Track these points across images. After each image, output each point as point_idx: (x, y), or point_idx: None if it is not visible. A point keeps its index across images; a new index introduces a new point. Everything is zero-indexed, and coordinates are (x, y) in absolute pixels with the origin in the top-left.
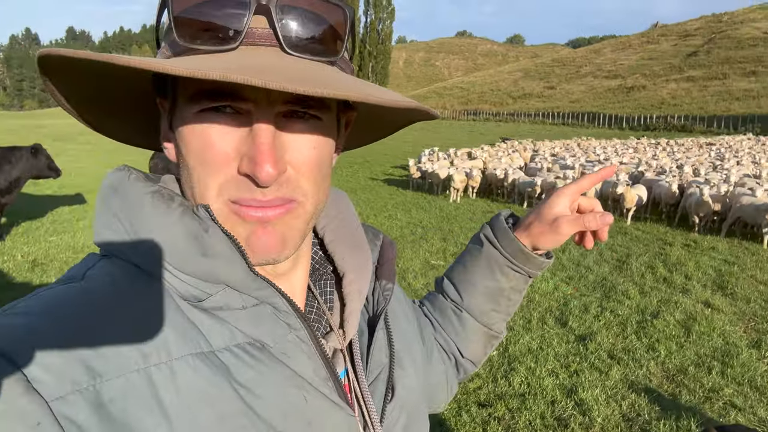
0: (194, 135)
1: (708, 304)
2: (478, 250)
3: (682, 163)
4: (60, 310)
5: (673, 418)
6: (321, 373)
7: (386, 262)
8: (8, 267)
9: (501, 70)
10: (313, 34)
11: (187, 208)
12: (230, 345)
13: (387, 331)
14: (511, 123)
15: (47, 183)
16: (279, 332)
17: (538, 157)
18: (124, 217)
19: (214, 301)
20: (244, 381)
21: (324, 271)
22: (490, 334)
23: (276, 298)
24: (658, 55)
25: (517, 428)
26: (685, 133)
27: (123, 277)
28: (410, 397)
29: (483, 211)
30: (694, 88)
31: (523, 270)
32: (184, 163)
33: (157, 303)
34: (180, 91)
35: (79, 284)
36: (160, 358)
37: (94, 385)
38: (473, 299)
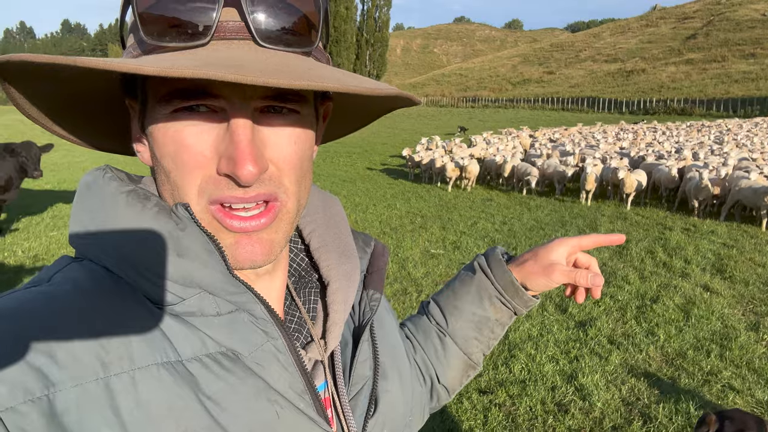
0: (168, 137)
1: (707, 287)
2: (470, 277)
3: (681, 147)
4: (16, 315)
5: (672, 401)
6: (297, 386)
7: (376, 271)
8: (9, 263)
9: (500, 55)
10: (285, 25)
11: (162, 208)
12: (200, 355)
13: (372, 343)
14: (511, 109)
15: (46, 178)
16: (255, 341)
17: (537, 143)
18: (97, 216)
19: (187, 305)
20: (212, 393)
21: (309, 279)
22: (469, 363)
23: (253, 304)
24: (658, 38)
25: (518, 414)
26: (685, 117)
27: (90, 280)
28: (394, 412)
29: (482, 199)
30: (693, 71)
31: (511, 305)
32: (160, 166)
33: (123, 309)
34: (150, 92)
35: (42, 288)
36: (121, 367)
37: (47, 394)
38: (458, 324)
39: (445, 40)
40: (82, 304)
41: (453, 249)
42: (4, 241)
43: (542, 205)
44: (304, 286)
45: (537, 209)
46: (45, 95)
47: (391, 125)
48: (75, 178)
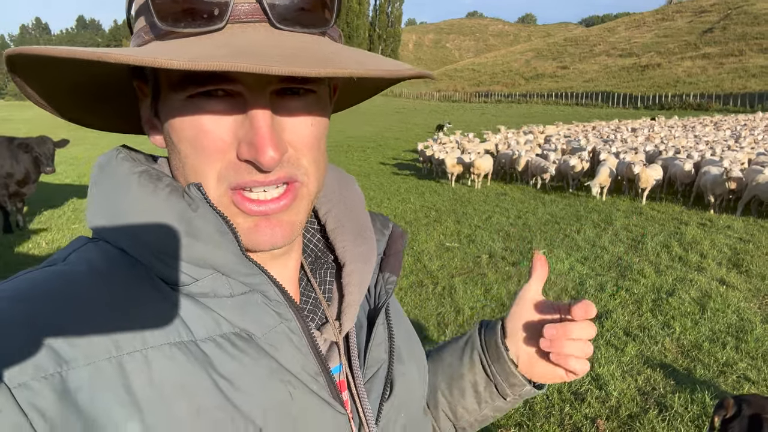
0: (186, 122)
1: (723, 281)
2: (467, 333)
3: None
4: (31, 294)
5: (688, 392)
6: (311, 368)
7: (393, 254)
8: (34, 254)
9: (513, 50)
10: (302, 5)
11: (175, 188)
12: (214, 335)
13: (388, 326)
14: (524, 104)
15: (66, 172)
16: (268, 322)
17: (553, 138)
18: (110, 198)
19: (200, 286)
20: (226, 373)
21: (325, 260)
22: (430, 420)
23: (267, 285)
24: (673, 32)
25: (534, 402)
26: (701, 111)
27: (104, 261)
28: (411, 396)
29: (496, 193)
30: (709, 66)
31: (490, 370)
32: (176, 150)
33: (137, 288)
34: (163, 77)
35: (57, 268)
36: (134, 346)
37: (60, 372)
38: (432, 368)
39: (458, 35)
40: (96, 284)
41: (468, 242)
42: (29, 233)
43: (556, 199)
44: (320, 266)
45: (551, 204)
46: (52, 83)
47: (404, 120)
48: None
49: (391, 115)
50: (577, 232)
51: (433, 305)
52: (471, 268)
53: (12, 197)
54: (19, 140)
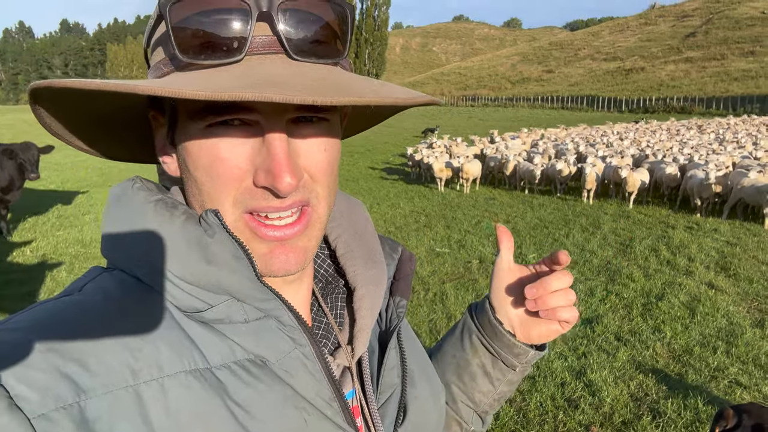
0: (203, 151)
1: (711, 285)
2: (460, 321)
3: (682, 145)
4: (49, 324)
5: (681, 397)
6: (325, 393)
7: (403, 277)
8: (19, 261)
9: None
10: (317, 38)
11: (190, 216)
12: (228, 362)
13: (400, 350)
14: (510, 108)
15: (50, 178)
16: (282, 348)
17: (540, 141)
18: (126, 226)
19: (215, 312)
20: (241, 400)
21: (336, 285)
22: (451, 415)
23: (281, 311)
24: (657, 36)
25: (528, 410)
26: (685, 115)
27: (119, 290)
28: (424, 420)
29: (485, 198)
30: (692, 69)
31: (493, 347)
32: (191, 177)
33: (152, 317)
34: (182, 107)
35: (73, 298)
36: (151, 374)
37: (78, 402)
38: (439, 367)
39: (444, 39)
40: (113, 314)
41: (458, 248)
42: (13, 241)
43: (545, 203)
44: (330, 291)
45: (540, 208)
46: (70, 114)
47: (393, 124)
48: (78, 177)
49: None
50: (566, 237)
51: (424, 311)
52: (462, 274)
53: None
54: (3, 146)
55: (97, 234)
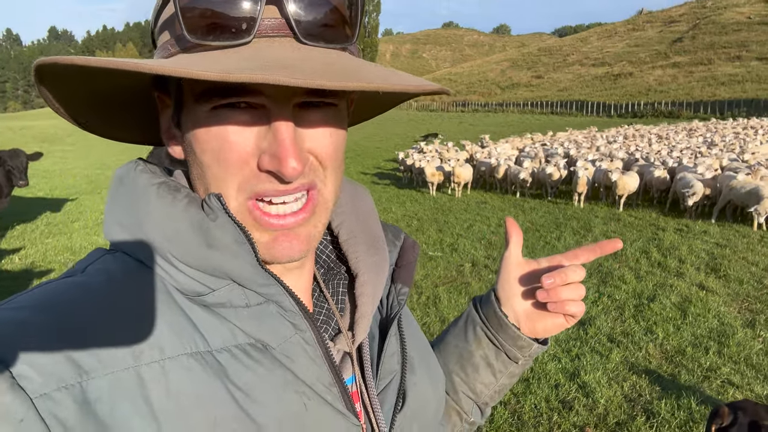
0: (209, 134)
1: (702, 286)
2: (465, 312)
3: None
4: (52, 305)
5: (674, 397)
6: (325, 378)
7: (405, 264)
8: (7, 269)
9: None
10: (326, 21)
11: (193, 199)
12: (229, 345)
13: (400, 337)
14: (500, 113)
15: (38, 185)
16: (283, 333)
17: (528, 147)
18: (129, 209)
19: (216, 296)
20: (241, 383)
21: (337, 271)
22: (451, 405)
23: (282, 296)
24: (644, 41)
25: (523, 412)
26: (673, 119)
27: (122, 272)
28: (424, 407)
29: (477, 202)
30: (680, 74)
31: (497, 340)
32: (197, 161)
33: (154, 299)
34: (187, 88)
35: (76, 279)
36: (152, 356)
37: (80, 382)
38: (441, 358)
39: (434, 45)
40: (114, 295)
41: (450, 251)
42: (2, 249)
43: (536, 207)
44: (332, 277)
45: (531, 211)
46: (71, 92)
47: (383, 129)
48: (66, 184)
49: (370, 124)
50: (558, 240)
51: (417, 315)
52: (454, 277)
53: None
54: (5, 152)
55: (87, 242)
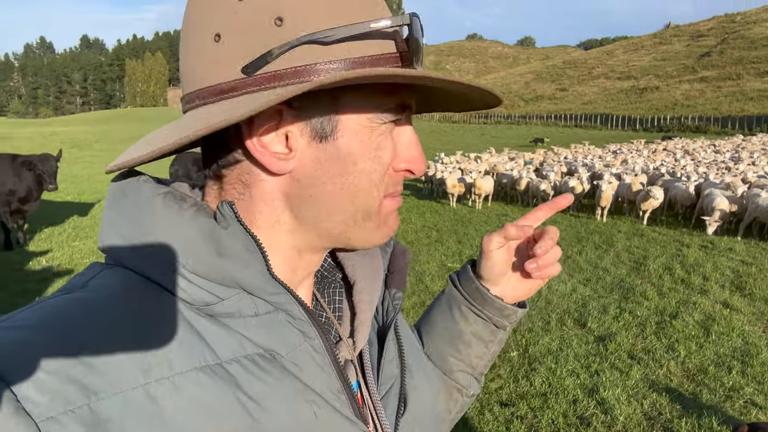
0: (372, 147)
1: (726, 304)
2: (442, 293)
3: (697, 164)
4: (56, 323)
5: (695, 417)
6: (334, 386)
7: (397, 270)
8: (35, 270)
9: (512, 72)
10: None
11: (201, 208)
12: (239, 356)
13: (398, 342)
14: (523, 125)
15: (67, 190)
16: (292, 341)
17: (549, 159)
18: (133, 220)
19: (225, 306)
20: (253, 394)
21: (333, 279)
22: (451, 384)
23: (292, 305)
24: (671, 55)
25: (540, 427)
26: (700, 134)
27: (125, 286)
28: (424, 409)
29: (497, 214)
30: (707, 89)
31: (483, 314)
32: (347, 171)
33: (161, 314)
34: (349, 106)
35: (78, 295)
36: (161, 373)
37: (88, 404)
38: (432, 342)
39: (458, 57)
40: (119, 311)
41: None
42: (30, 251)
43: (558, 220)
44: (327, 286)
45: (552, 224)
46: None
47: None
48: (94, 189)
49: None
50: (579, 254)
51: None
52: None
53: (14, 214)
54: (22, 158)
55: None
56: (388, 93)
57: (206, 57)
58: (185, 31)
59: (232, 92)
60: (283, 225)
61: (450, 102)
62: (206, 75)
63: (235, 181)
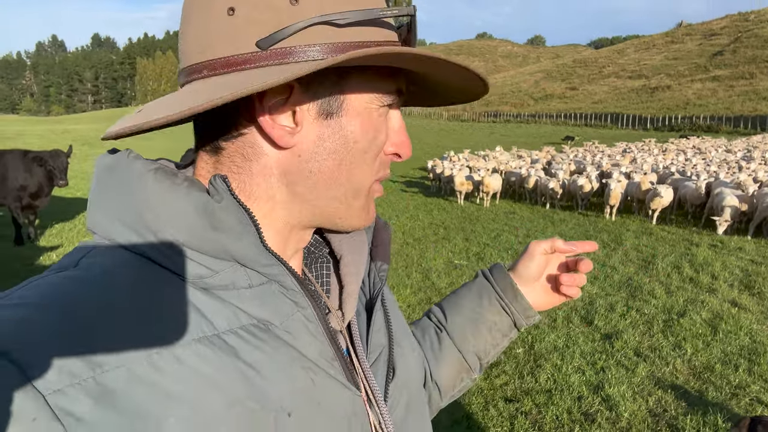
0: (371, 128)
1: (735, 303)
2: (472, 282)
3: (708, 163)
4: (55, 300)
5: (700, 414)
6: (327, 353)
7: (381, 243)
8: (45, 266)
9: (522, 71)
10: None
11: (193, 182)
12: (235, 327)
13: (384, 312)
14: (533, 124)
15: (77, 186)
16: (285, 311)
17: (558, 157)
18: (123, 197)
19: (219, 278)
20: (252, 362)
21: (319, 254)
22: (462, 363)
23: (285, 276)
24: (683, 54)
25: (544, 423)
26: (712, 134)
27: (119, 264)
28: (411, 376)
29: (505, 212)
30: (720, 88)
31: (509, 309)
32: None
33: (154, 288)
34: (354, 87)
35: (72, 273)
36: (162, 345)
37: (93, 376)
38: (457, 320)
39: (467, 56)
40: (114, 287)
41: (476, 260)
42: (41, 246)
43: (566, 219)
44: (314, 261)
45: (561, 223)
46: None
47: (413, 138)
48: None
49: None
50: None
51: None
52: None
53: (25, 210)
54: (33, 154)
55: None
56: (388, 77)
57: (218, 29)
58: (192, 3)
59: (245, 65)
60: (278, 200)
61: (438, 93)
62: (217, 47)
63: (235, 154)
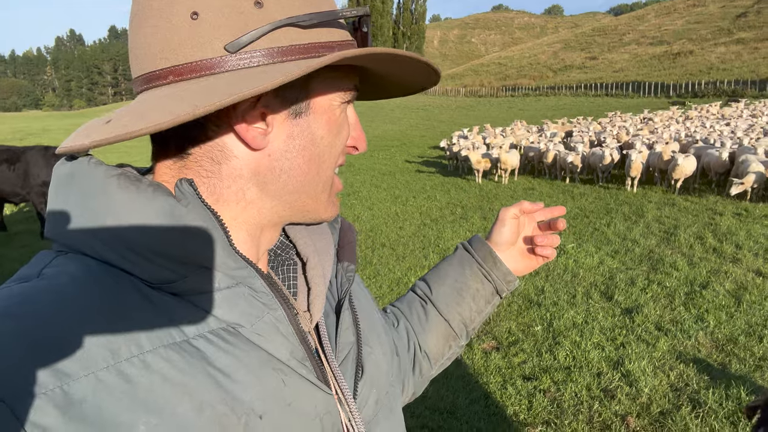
0: (336, 124)
1: (759, 272)
2: (453, 255)
3: (733, 129)
4: (20, 310)
5: (723, 387)
6: (298, 353)
7: (347, 244)
8: None
9: (540, 42)
10: None
11: (158, 187)
12: (204, 332)
13: (352, 311)
14: (552, 96)
15: None
16: (254, 313)
17: (576, 130)
18: (85, 204)
19: (187, 283)
20: (222, 366)
21: (286, 256)
22: (450, 332)
23: (254, 278)
24: (705, 18)
25: (563, 400)
26: (736, 99)
27: (82, 271)
28: (379, 373)
29: (524, 188)
30: (744, 51)
31: (490, 276)
32: (314, 145)
33: (121, 295)
34: (319, 86)
35: (37, 283)
36: (131, 352)
37: (60, 386)
38: (441, 290)
39: (483, 30)
40: (79, 295)
41: None
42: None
43: (586, 193)
44: (281, 263)
45: (581, 197)
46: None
47: (429, 117)
48: None
49: (415, 112)
50: (607, 226)
51: None
52: None
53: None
54: (54, 149)
55: None
56: (346, 74)
57: (182, 34)
58: (147, 8)
59: (215, 69)
60: (249, 200)
61: (386, 87)
62: (182, 52)
63: (203, 158)
